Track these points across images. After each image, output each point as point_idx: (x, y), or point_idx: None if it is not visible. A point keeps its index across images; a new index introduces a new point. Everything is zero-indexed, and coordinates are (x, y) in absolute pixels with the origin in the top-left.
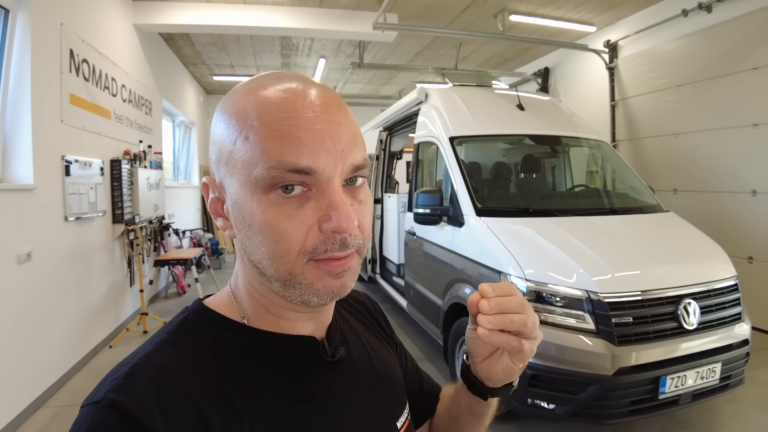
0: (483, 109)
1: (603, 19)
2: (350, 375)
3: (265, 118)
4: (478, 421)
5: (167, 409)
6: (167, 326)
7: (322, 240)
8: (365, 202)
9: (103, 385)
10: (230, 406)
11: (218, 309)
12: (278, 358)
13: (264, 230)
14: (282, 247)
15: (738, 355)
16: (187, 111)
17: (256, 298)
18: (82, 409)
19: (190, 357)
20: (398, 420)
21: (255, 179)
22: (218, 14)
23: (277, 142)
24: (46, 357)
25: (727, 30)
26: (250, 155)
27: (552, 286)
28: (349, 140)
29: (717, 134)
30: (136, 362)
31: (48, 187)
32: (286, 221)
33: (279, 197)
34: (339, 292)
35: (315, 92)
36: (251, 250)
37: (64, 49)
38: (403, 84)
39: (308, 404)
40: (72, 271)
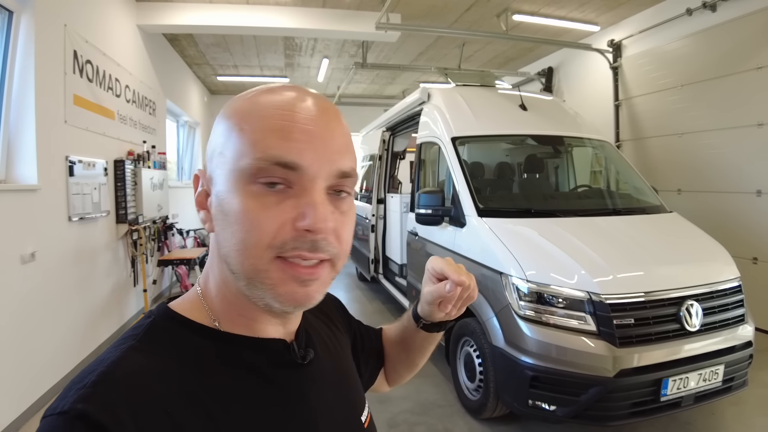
0: (485, 109)
1: (606, 19)
2: (318, 376)
3: (261, 112)
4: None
5: (140, 418)
6: (132, 331)
7: (293, 236)
8: (348, 214)
9: (69, 394)
10: (204, 412)
11: (186, 312)
12: (250, 361)
13: (239, 219)
14: (252, 237)
15: (741, 356)
16: (191, 111)
17: (228, 299)
18: (45, 420)
19: (160, 363)
20: (362, 415)
21: (241, 168)
22: (221, 15)
23: (268, 134)
24: (50, 356)
25: (732, 29)
26: (241, 146)
27: (553, 287)
28: (339, 146)
29: (721, 134)
30: (103, 370)
31: (52, 188)
32: (261, 212)
33: (261, 189)
34: (302, 301)
35: (313, 100)
36: (222, 242)
37: (68, 50)
38: (407, 84)
39: (282, 407)
40: (76, 271)
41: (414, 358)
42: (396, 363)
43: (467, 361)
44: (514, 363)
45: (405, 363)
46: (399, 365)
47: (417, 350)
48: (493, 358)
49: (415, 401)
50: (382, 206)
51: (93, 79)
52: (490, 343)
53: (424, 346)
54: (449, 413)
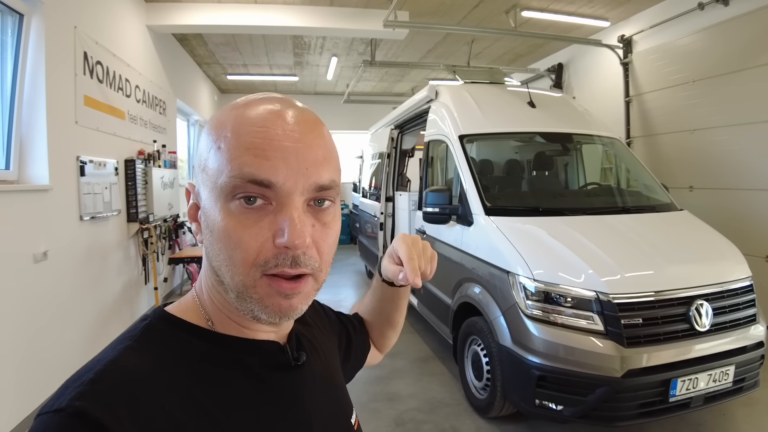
0: (493, 106)
1: (617, 14)
2: (310, 378)
3: (237, 130)
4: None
5: (139, 416)
6: (129, 333)
7: (274, 254)
8: (329, 226)
9: (65, 392)
10: (201, 411)
11: (182, 315)
12: (246, 363)
13: (222, 237)
14: (237, 255)
15: (752, 357)
16: (201, 110)
17: (220, 304)
18: (41, 417)
19: (157, 363)
20: (351, 417)
21: (220, 186)
22: (230, 14)
23: (242, 152)
24: (62, 354)
25: (745, 23)
26: (219, 163)
27: (561, 286)
28: (316, 160)
29: (734, 130)
30: (100, 368)
31: (63, 188)
32: (243, 231)
33: (240, 207)
34: (288, 312)
35: (292, 113)
36: (212, 256)
37: (78, 51)
38: (416, 81)
39: (277, 407)
40: (87, 270)
41: (392, 316)
42: (379, 328)
43: (475, 360)
44: (521, 362)
45: (387, 324)
46: (383, 328)
47: (392, 308)
48: (500, 357)
49: (423, 400)
50: (390, 204)
51: (103, 80)
52: (498, 342)
53: (396, 301)
54: (456, 412)
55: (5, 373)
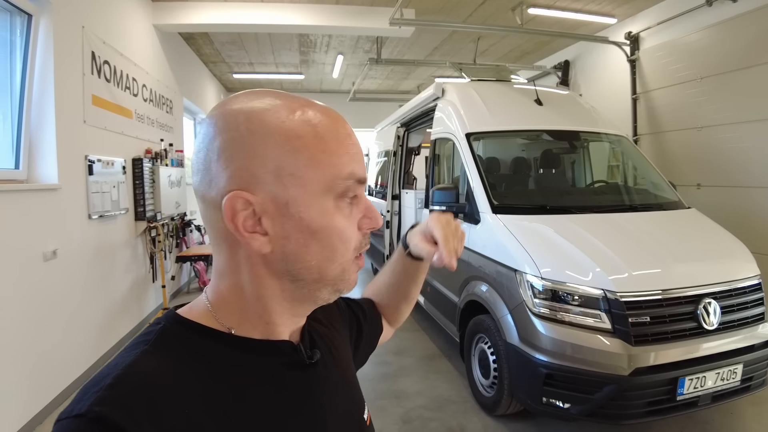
0: (500, 104)
1: (624, 11)
2: (324, 376)
3: (333, 137)
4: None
5: (158, 420)
6: (143, 337)
7: (361, 238)
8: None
9: (84, 397)
10: (220, 412)
11: (195, 318)
12: (261, 363)
13: (333, 233)
14: (346, 246)
15: (761, 356)
16: (207, 109)
17: (251, 307)
18: (60, 423)
19: (173, 366)
20: (364, 413)
21: (332, 189)
22: (236, 13)
23: (345, 158)
24: (71, 352)
25: (754, 20)
26: (323, 168)
27: (568, 284)
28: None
29: (742, 127)
30: (118, 373)
31: (72, 187)
32: (348, 224)
33: (345, 204)
34: (355, 283)
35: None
36: (305, 257)
37: (86, 51)
38: (422, 79)
39: (293, 406)
40: (96, 268)
41: (410, 290)
42: (395, 304)
43: (482, 358)
44: (528, 360)
45: (403, 299)
46: (399, 303)
47: (411, 282)
48: (508, 355)
49: (430, 397)
50: (396, 202)
51: (111, 79)
52: (505, 341)
53: (416, 276)
54: (463, 409)
55: (15, 370)
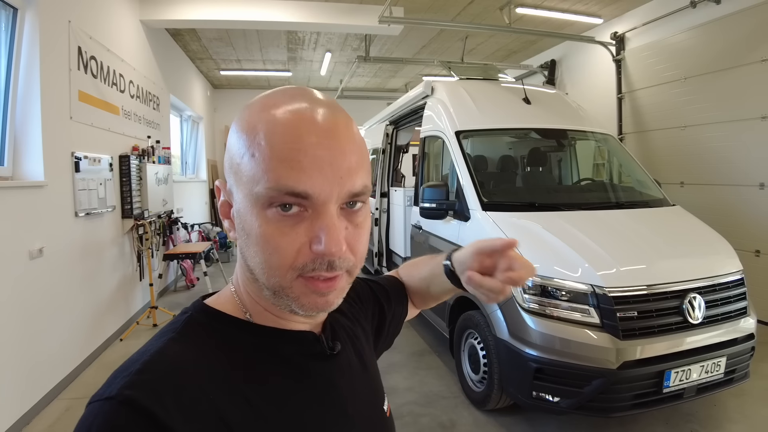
0: (489, 102)
1: (610, 11)
2: (346, 367)
3: (271, 139)
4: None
5: (185, 404)
6: (171, 325)
7: (311, 259)
8: (361, 226)
9: (115, 381)
10: (244, 400)
11: (221, 307)
12: (284, 352)
13: (259, 242)
14: (274, 260)
15: (743, 349)
16: (194, 106)
17: (254, 297)
18: (92, 405)
19: (200, 354)
20: (384, 404)
21: (256, 195)
22: (224, 9)
23: (278, 164)
24: (58, 350)
25: (736, 21)
26: (254, 172)
27: (557, 280)
28: (350, 167)
29: (725, 127)
30: (147, 359)
31: (58, 184)
32: (280, 237)
33: (277, 214)
34: (324, 307)
35: (322, 115)
36: (248, 257)
37: (72, 46)
38: (410, 77)
39: (315, 394)
40: (83, 266)
41: (440, 296)
42: (422, 297)
43: (471, 354)
44: (518, 355)
45: (431, 298)
46: (426, 299)
47: (443, 292)
48: (498, 350)
49: (420, 393)
50: (385, 200)
51: (97, 75)
52: (495, 336)
53: (451, 292)
54: (454, 405)
55: (1, 370)
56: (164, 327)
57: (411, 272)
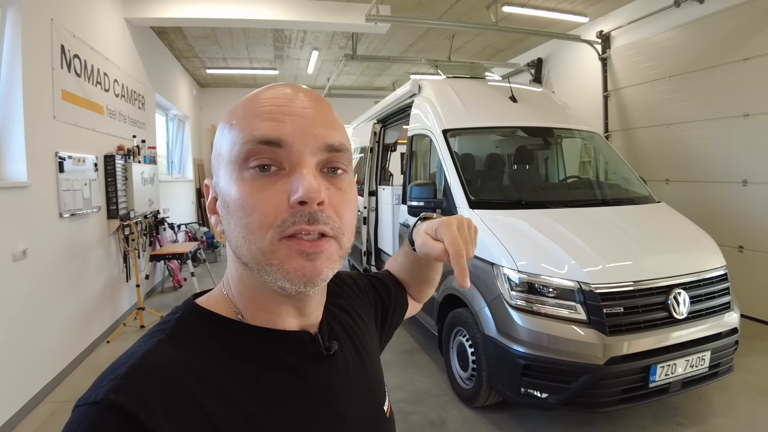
0: (476, 101)
1: (596, 10)
2: (343, 367)
3: (250, 105)
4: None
5: (171, 409)
6: (161, 326)
7: (290, 213)
8: (346, 191)
9: (101, 385)
10: (234, 403)
11: (212, 307)
12: (277, 354)
13: (238, 206)
14: (253, 221)
15: (727, 343)
16: (180, 104)
17: (246, 294)
18: (78, 409)
19: (189, 356)
20: (384, 404)
21: (234, 157)
22: (210, 8)
23: (253, 120)
24: (44, 353)
25: (719, 21)
26: (233, 137)
27: (544, 277)
28: (325, 122)
29: (709, 124)
30: (134, 362)
31: (42, 184)
32: (258, 195)
33: (254, 174)
34: (312, 276)
35: (301, 90)
36: (229, 235)
37: (55, 44)
38: (397, 75)
39: (309, 397)
40: (68, 268)
41: (428, 276)
42: (415, 286)
43: (460, 351)
44: (506, 352)
45: (423, 283)
46: (420, 286)
47: (427, 269)
48: (486, 347)
49: (409, 391)
50: (373, 198)
51: (81, 74)
52: (483, 333)
53: (431, 264)
54: (443, 402)
55: None
56: (154, 326)
57: (394, 267)
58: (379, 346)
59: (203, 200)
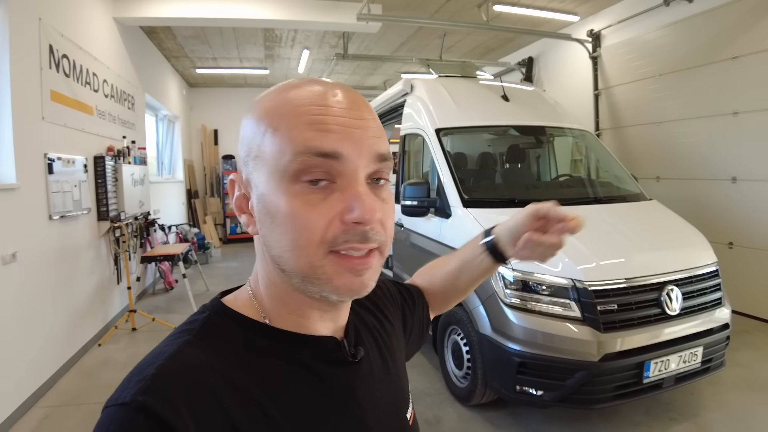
0: (468, 100)
1: (586, 9)
2: (367, 374)
3: (295, 109)
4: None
5: (197, 411)
6: (188, 326)
7: (343, 230)
8: (388, 201)
9: (129, 386)
10: (257, 407)
11: (239, 309)
12: (302, 359)
13: (287, 220)
14: (304, 237)
15: (719, 338)
16: (170, 105)
17: (277, 297)
18: (107, 410)
19: (215, 358)
20: (407, 412)
21: (283, 168)
22: (200, 7)
23: (305, 128)
24: (35, 357)
25: (708, 20)
26: (279, 145)
27: (538, 275)
28: (375, 132)
29: (698, 122)
30: (161, 363)
31: (31, 186)
32: (310, 210)
33: (305, 188)
34: (359, 290)
35: (343, 91)
36: (273, 244)
37: (44, 44)
38: (388, 74)
39: (332, 404)
40: (58, 271)
41: (468, 286)
42: (444, 294)
43: (455, 350)
44: (501, 350)
45: (456, 292)
46: (450, 295)
47: (478, 279)
48: (481, 345)
49: None
50: None
51: (70, 74)
52: (477, 331)
53: (484, 276)
54: (438, 401)
55: None
56: (181, 325)
57: (432, 273)
58: (405, 350)
59: (194, 201)
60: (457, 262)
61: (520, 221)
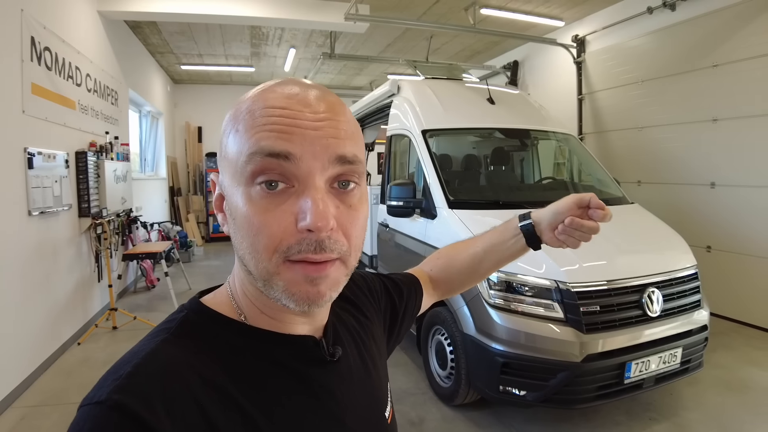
0: (454, 102)
1: (571, 14)
2: (346, 373)
3: (254, 110)
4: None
5: (173, 410)
6: (165, 325)
7: (297, 240)
8: (356, 208)
9: (105, 384)
10: (235, 406)
11: (217, 308)
12: (280, 357)
13: (244, 224)
14: (259, 242)
15: (697, 340)
16: (154, 101)
17: (252, 296)
18: (82, 409)
19: (193, 357)
20: (385, 410)
21: (241, 169)
22: (186, 3)
23: (259, 129)
24: (12, 356)
25: (690, 28)
26: (238, 145)
27: (521, 276)
28: (336, 132)
29: (679, 128)
30: (138, 362)
31: (10, 181)
32: (264, 215)
33: (261, 191)
34: (315, 300)
35: (312, 93)
36: (237, 245)
37: (25, 36)
38: (375, 75)
39: (311, 403)
40: (37, 268)
41: (490, 269)
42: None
43: (438, 350)
44: (484, 350)
45: (475, 275)
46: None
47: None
48: (465, 345)
49: None
50: None
51: (52, 67)
52: (461, 331)
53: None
54: (422, 401)
55: None
56: (159, 325)
57: (452, 255)
58: (386, 349)
59: (176, 199)
60: (484, 245)
61: (563, 207)
